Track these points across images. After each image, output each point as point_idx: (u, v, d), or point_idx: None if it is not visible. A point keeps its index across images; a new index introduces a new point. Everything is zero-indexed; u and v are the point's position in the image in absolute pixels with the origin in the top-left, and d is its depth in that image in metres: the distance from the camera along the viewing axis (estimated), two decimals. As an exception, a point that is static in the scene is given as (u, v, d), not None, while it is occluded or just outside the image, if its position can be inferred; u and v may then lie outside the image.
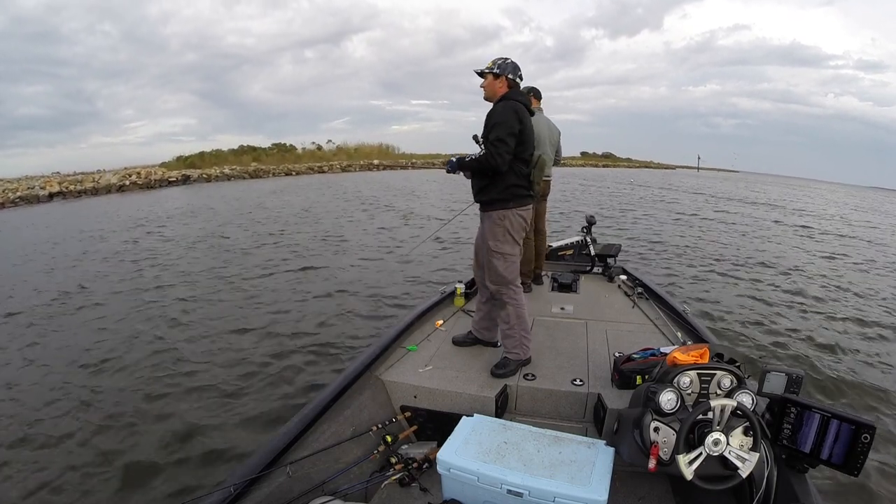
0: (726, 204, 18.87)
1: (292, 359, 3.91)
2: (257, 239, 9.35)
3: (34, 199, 20.09)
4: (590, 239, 4.29)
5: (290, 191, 20.56)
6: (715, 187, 29.77)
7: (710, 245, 9.44)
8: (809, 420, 1.42)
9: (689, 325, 2.84)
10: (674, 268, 7.37)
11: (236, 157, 37.39)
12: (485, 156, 2.15)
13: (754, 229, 12.32)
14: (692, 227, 11.85)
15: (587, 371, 2.33)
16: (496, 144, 2.11)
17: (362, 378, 2.21)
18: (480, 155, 2.17)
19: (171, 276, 6.71)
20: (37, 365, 3.95)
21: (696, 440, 1.42)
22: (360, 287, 5.94)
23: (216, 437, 2.87)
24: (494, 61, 2.22)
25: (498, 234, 2.27)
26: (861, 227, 15.10)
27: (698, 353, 1.62)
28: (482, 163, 2.16)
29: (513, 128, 2.14)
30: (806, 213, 17.65)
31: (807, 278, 7.16)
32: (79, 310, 5.37)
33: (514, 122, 2.14)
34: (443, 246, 8.13)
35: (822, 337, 4.72)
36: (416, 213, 13.04)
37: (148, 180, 25.31)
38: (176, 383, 3.53)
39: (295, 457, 1.71)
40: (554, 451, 1.65)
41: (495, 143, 2.11)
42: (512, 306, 2.33)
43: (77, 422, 3.07)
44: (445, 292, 3.33)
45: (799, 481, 1.44)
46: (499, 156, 2.11)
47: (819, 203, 24.67)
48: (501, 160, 2.12)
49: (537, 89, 3.49)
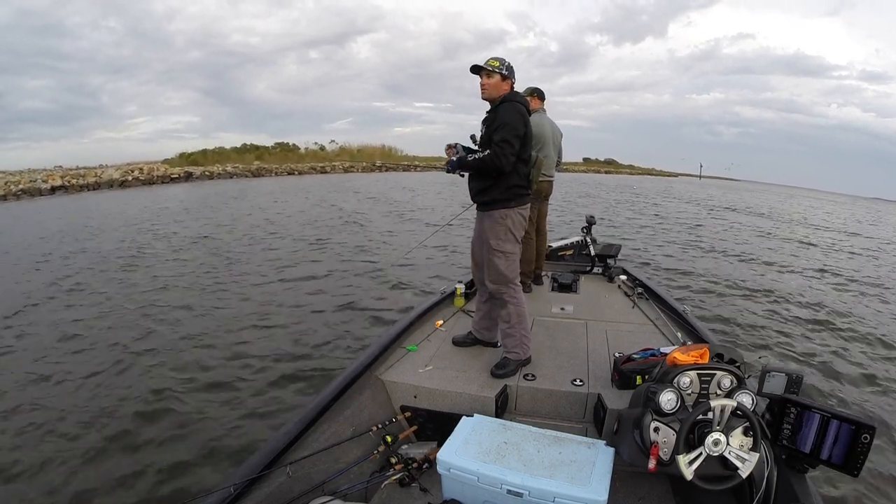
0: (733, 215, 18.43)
1: (292, 358, 3.92)
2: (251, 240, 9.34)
3: (36, 192, 20.15)
4: (590, 239, 4.29)
5: (291, 191, 20.54)
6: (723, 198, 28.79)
7: (712, 245, 9.43)
8: (809, 420, 1.42)
9: (689, 326, 2.84)
10: (675, 267, 7.37)
11: (239, 155, 37.36)
12: (490, 156, 2.13)
13: (755, 231, 12.31)
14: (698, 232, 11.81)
15: (587, 371, 2.33)
16: (502, 146, 2.10)
17: (362, 378, 2.21)
18: (485, 155, 2.15)
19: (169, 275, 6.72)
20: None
21: (696, 440, 1.42)
22: (362, 288, 5.94)
23: (215, 438, 2.87)
24: (501, 61, 2.20)
25: (500, 233, 2.27)
26: (862, 237, 15.03)
27: (698, 354, 1.62)
28: (487, 163, 2.15)
29: (519, 130, 2.14)
30: (806, 224, 17.56)
31: (808, 279, 7.16)
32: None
33: (520, 125, 2.15)
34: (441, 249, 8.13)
35: (822, 337, 4.72)
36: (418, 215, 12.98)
37: (150, 177, 25.33)
38: (174, 382, 3.53)
39: (295, 457, 1.71)
40: (554, 452, 1.65)
41: (501, 144, 2.11)
42: (512, 305, 2.33)
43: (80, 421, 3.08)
44: (445, 292, 3.33)
45: (799, 481, 1.44)
46: (504, 157, 2.11)
47: (820, 214, 24.51)
48: (507, 161, 2.12)
49: (541, 90, 3.49)
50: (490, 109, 2.28)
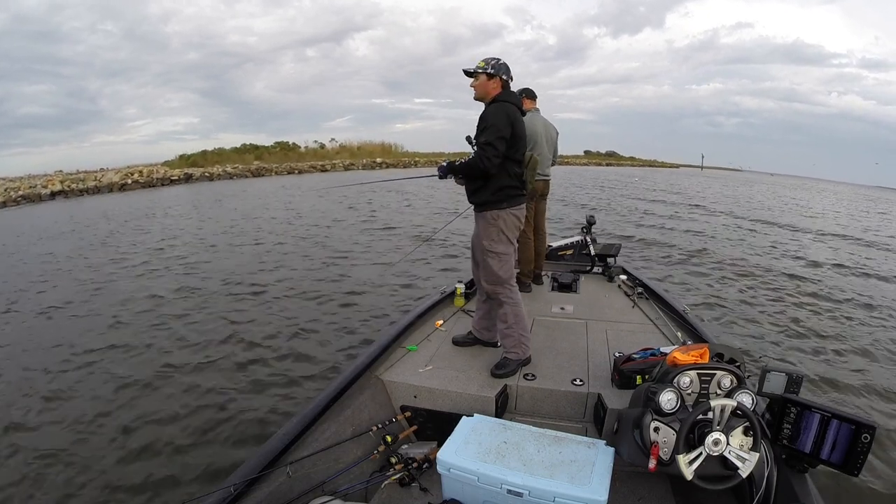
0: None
1: (291, 359, 3.92)
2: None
3: (36, 198, 20.11)
4: (590, 239, 4.28)
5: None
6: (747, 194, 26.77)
7: (715, 246, 9.39)
8: (809, 420, 1.42)
9: (689, 325, 2.84)
10: (674, 267, 7.36)
11: (239, 155, 37.32)
12: (474, 159, 2.14)
13: (755, 229, 12.28)
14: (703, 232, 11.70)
15: (587, 371, 2.33)
16: (485, 147, 2.11)
17: (362, 378, 2.21)
18: (470, 158, 2.16)
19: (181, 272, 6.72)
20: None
21: (696, 440, 1.42)
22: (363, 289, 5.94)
23: (215, 437, 2.87)
24: (487, 61, 2.21)
25: (492, 234, 2.27)
26: (865, 227, 14.91)
27: (698, 353, 1.62)
28: (472, 166, 2.16)
29: (502, 131, 2.12)
30: (812, 214, 17.25)
31: (808, 280, 7.14)
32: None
33: (504, 125, 2.13)
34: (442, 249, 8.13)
35: (822, 337, 4.71)
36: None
37: (150, 179, 25.33)
38: (169, 384, 3.53)
39: (295, 457, 1.72)
40: (554, 451, 1.65)
41: (484, 146, 2.11)
42: (509, 305, 2.33)
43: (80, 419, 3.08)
44: (445, 292, 3.33)
45: (799, 481, 1.44)
46: (487, 159, 2.10)
47: (823, 203, 24.11)
48: (490, 163, 2.11)
49: (531, 90, 3.48)
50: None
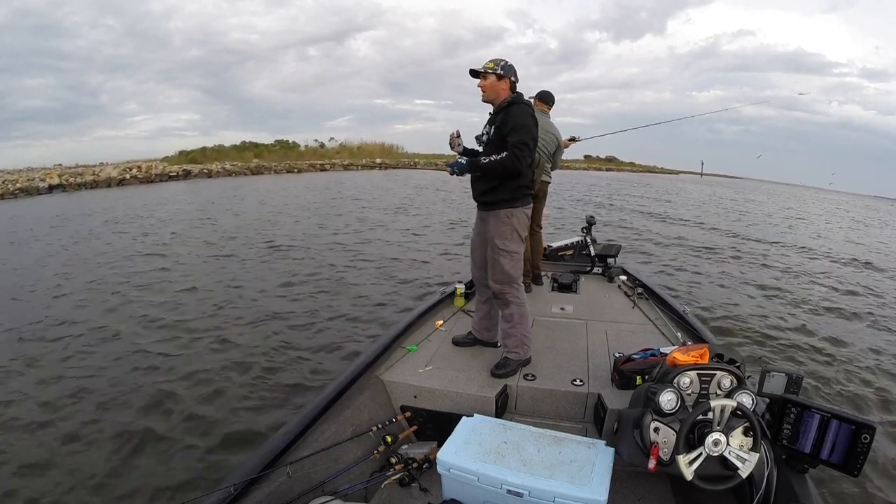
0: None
1: (291, 359, 3.92)
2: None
3: (34, 191, 19.97)
4: (590, 239, 4.29)
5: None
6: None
7: (713, 240, 9.38)
8: (809, 420, 1.42)
9: (689, 326, 2.84)
10: (675, 266, 7.37)
11: (238, 152, 37.20)
12: (508, 159, 2.12)
13: (756, 228, 12.28)
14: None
15: (587, 371, 2.33)
16: (521, 148, 2.12)
17: (362, 378, 2.21)
18: (503, 157, 2.13)
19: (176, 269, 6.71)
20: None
21: (696, 440, 1.42)
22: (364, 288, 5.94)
23: (214, 438, 2.87)
24: (496, 62, 2.20)
25: (506, 233, 2.27)
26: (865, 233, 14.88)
27: (698, 354, 1.62)
28: (506, 165, 2.14)
29: (533, 132, 2.18)
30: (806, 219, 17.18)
31: (808, 280, 7.16)
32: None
33: (533, 127, 2.18)
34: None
35: (822, 338, 4.72)
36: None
37: (148, 174, 25.19)
38: (168, 383, 3.53)
39: (295, 457, 1.71)
40: (554, 452, 1.65)
41: (520, 146, 2.12)
42: (515, 305, 2.33)
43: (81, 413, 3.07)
44: (445, 292, 3.33)
45: (799, 481, 1.44)
46: (522, 159, 2.13)
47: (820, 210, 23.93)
48: (524, 163, 2.14)
49: (550, 94, 3.51)
50: (494, 111, 2.27)
